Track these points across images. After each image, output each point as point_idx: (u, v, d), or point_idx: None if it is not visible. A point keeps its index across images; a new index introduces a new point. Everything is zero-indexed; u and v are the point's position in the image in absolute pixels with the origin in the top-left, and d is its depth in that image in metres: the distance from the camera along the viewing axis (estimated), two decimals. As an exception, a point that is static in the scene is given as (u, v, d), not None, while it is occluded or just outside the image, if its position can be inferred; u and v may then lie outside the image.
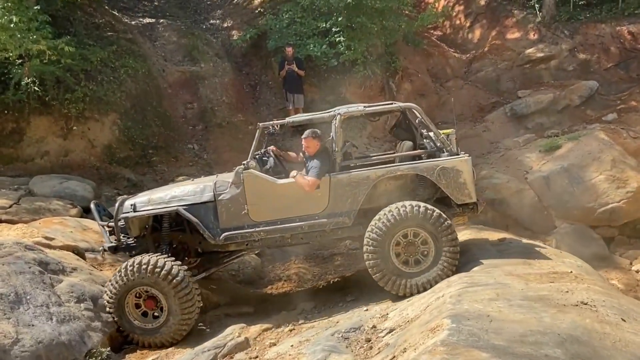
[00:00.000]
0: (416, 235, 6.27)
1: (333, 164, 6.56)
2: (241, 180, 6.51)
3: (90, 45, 11.74)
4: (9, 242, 6.28)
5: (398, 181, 6.66)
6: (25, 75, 10.07)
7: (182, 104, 13.29)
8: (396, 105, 7.26)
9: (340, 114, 6.69)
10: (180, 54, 14.19)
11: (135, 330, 6.39)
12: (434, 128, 6.74)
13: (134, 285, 6.28)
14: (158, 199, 6.73)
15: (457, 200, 6.48)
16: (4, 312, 5.31)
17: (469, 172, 6.48)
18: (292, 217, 6.56)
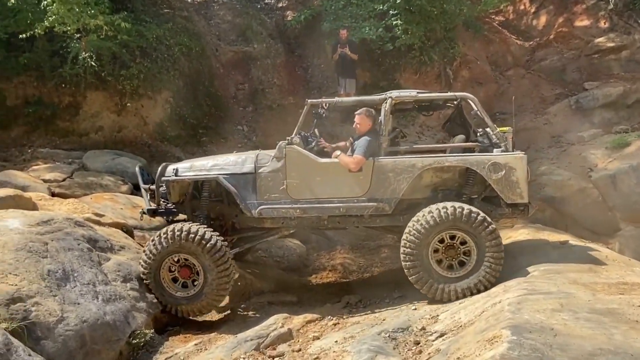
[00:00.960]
0: (457, 239, 6.00)
1: (379, 148, 6.35)
2: (283, 154, 6.40)
3: (147, 22, 11.71)
4: (59, 218, 6.26)
5: (445, 174, 6.39)
6: (83, 50, 10.14)
7: (234, 84, 13.19)
8: (451, 94, 7.01)
9: (391, 97, 6.46)
10: (234, 34, 14.05)
11: (171, 298, 6.39)
12: (489, 121, 6.39)
13: (169, 253, 6.27)
14: (200, 166, 6.72)
15: (506, 199, 6.15)
16: (50, 289, 5.27)
17: (522, 171, 6.13)
18: (330, 198, 6.40)
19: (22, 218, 5.94)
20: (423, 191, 6.44)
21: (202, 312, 6.57)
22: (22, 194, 7.09)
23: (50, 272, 5.45)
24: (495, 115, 13.56)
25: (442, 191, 6.43)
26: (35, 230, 5.82)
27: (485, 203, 6.35)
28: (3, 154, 10.31)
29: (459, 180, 6.41)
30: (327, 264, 8.90)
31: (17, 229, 5.69)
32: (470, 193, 6.34)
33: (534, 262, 6.20)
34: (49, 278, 5.37)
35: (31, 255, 5.45)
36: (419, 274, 6.02)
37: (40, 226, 5.94)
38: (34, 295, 5.08)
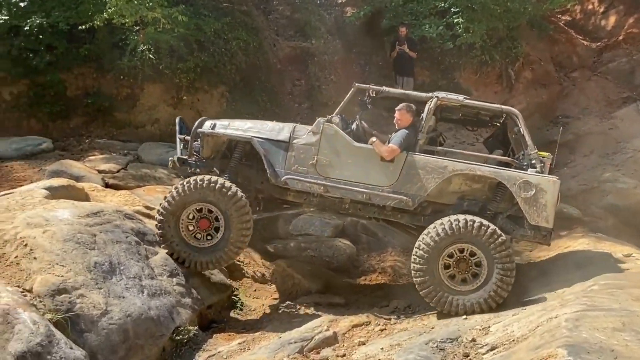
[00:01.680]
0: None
1: (415, 144, 6.33)
2: (320, 130, 6.41)
3: (206, 16, 11.70)
4: (109, 210, 6.27)
5: (475, 184, 6.37)
6: (141, 43, 10.21)
7: (290, 80, 13.08)
8: (497, 106, 6.75)
9: (437, 97, 6.45)
10: (292, 29, 13.94)
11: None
12: (530, 141, 6.26)
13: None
14: (237, 126, 6.74)
15: (531, 220, 6.07)
16: (96, 281, 5.26)
17: (553, 195, 6.03)
18: (356, 182, 6.38)
19: (72, 209, 5.96)
20: (450, 197, 6.42)
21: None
22: (75, 185, 7.16)
23: (97, 264, 5.44)
24: (558, 119, 13.00)
25: (469, 201, 6.40)
26: (84, 221, 5.83)
27: (509, 221, 6.30)
28: (62, 144, 10.53)
29: (487, 193, 6.37)
30: (377, 266, 8.68)
31: (67, 220, 5.71)
32: (496, 208, 6.29)
33: (593, 274, 5.88)
34: (95, 270, 5.36)
35: (79, 247, 5.45)
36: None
37: (89, 217, 5.95)
38: (79, 287, 5.08)
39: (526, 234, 6.24)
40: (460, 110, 6.93)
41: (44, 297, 4.84)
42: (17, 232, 5.38)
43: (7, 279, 4.90)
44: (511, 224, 6.30)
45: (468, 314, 5.84)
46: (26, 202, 6.08)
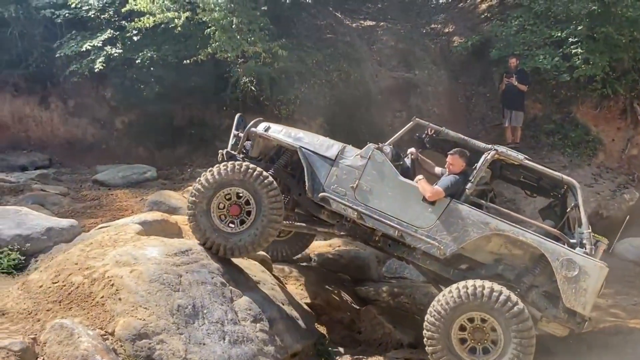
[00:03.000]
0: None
1: (462, 192, 5.98)
2: (368, 156, 6.20)
3: (308, 48, 11.74)
4: (197, 248, 6.16)
5: (516, 249, 5.96)
6: (243, 75, 10.34)
7: (391, 112, 12.76)
8: (557, 174, 6.17)
9: (496, 150, 6.08)
10: (396, 59, 13.65)
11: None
12: (585, 219, 5.80)
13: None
14: (289, 133, 6.62)
15: (566, 302, 5.60)
16: (177, 326, 5.12)
17: (596, 282, 5.54)
18: (392, 216, 6.10)
19: (161, 247, 5.91)
20: (486, 256, 6.11)
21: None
22: (169, 219, 7.18)
23: (180, 307, 5.31)
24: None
25: (505, 265, 6.05)
26: (171, 260, 5.74)
27: (543, 298, 5.85)
28: (165, 172, 10.84)
29: (527, 262, 5.97)
30: (477, 315, 8.03)
31: (155, 259, 5.65)
32: (532, 281, 5.88)
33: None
34: (177, 314, 5.23)
35: (163, 288, 5.36)
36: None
37: (177, 256, 5.85)
38: (161, 332, 4.96)
39: (559, 316, 5.74)
40: (521, 171, 6.49)
41: (124, 341, 4.76)
42: (106, 270, 5.38)
43: (91, 320, 4.89)
44: (545, 301, 5.82)
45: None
46: (119, 238, 6.12)
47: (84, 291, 5.21)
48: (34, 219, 6.63)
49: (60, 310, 4.98)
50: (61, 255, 5.89)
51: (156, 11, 10.41)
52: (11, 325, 4.82)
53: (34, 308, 5.06)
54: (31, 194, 9.62)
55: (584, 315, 5.62)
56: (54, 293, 5.22)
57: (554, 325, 5.88)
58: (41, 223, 6.60)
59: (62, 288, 5.27)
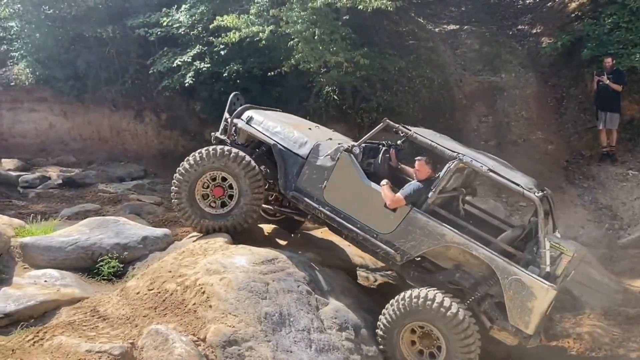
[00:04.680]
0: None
1: (424, 201, 5.97)
2: (336, 158, 6.30)
3: (390, 55, 11.71)
4: (283, 257, 6.28)
5: (473, 259, 5.91)
6: (325, 85, 10.46)
7: (476, 116, 12.48)
8: (518, 189, 5.86)
9: (460, 159, 5.90)
10: (481, 63, 13.35)
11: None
12: (542, 238, 5.68)
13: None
14: (268, 126, 6.76)
15: (511, 320, 5.69)
16: (265, 333, 5.25)
17: (543, 303, 5.56)
18: (356, 219, 6.26)
19: (249, 255, 6.07)
20: (446, 261, 6.15)
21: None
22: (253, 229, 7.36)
23: (268, 315, 5.43)
24: None
25: (462, 272, 6.03)
26: (259, 269, 5.89)
27: (496, 308, 5.87)
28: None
29: (484, 272, 5.92)
30: (572, 331, 7.65)
31: (243, 267, 5.82)
32: (487, 291, 5.89)
33: None
34: (265, 321, 5.35)
35: (251, 296, 5.50)
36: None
37: (264, 265, 6.00)
38: (249, 339, 5.10)
39: (507, 328, 5.77)
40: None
41: (215, 347, 4.94)
42: (197, 278, 5.60)
43: (185, 327, 5.10)
44: (496, 312, 5.85)
45: None
46: (209, 247, 6.34)
47: (177, 298, 5.45)
48: (131, 229, 6.98)
49: (155, 317, 5.23)
50: (156, 263, 6.19)
51: (242, 26, 10.76)
52: (111, 330, 5.11)
53: (131, 314, 5.34)
54: (128, 204, 10.20)
55: (528, 333, 5.64)
56: (150, 300, 5.49)
57: (504, 334, 5.89)
58: (137, 232, 6.95)
59: (157, 295, 5.54)
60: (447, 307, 5.61)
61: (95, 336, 4.97)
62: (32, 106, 15.67)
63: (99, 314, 5.41)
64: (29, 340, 4.91)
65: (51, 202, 10.31)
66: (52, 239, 6.54)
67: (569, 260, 5.79)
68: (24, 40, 15.19)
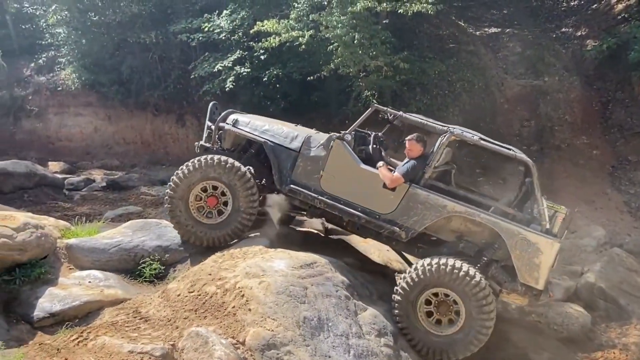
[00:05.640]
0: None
1: (421, 176, 6.16)
2: (330, 146, 6.38)
3: (430, 59, 11.61)
4: (322, 261, 6.27)
5: (475, 227, 6.12)
6: (365, 89, 10.43)
7: (518, 121, 12.27)
8: (511, 152, 6.21)
9: (452, 132, 6.18)
10: (523, 66, 13.11)
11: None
12: (539, 195, 5.92)
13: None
14: (255, 126, 6.81)
15: (521, 278, 5.88)
16: (304, 337, 5.23)
17: (549, 257, 5.79)
18: (356, 204, 6.34)
19: (288, 259, 6.08)
20: (448, 234, 6.29)
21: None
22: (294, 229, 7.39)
23: (306, 319, 5.42)
24: None
25: (466, 242, 6.21)
26: (297, 273, 5.89)
27: (502, 271, 6.05)
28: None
29: (486, 238, 6.13)
30: (618, 341, 7.47)
31: (282, 271, 5.83)
32: (492, 256, 6.05)
33: None
34: (304, 326, 5.34)
35: (290, 300, 5.50)
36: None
37: (303, 269, 6.00)
38: (288, 344, 5.09)
39: (517, 288, 5.98)
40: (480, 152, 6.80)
41: (254, 351, 4.95)
42: (237, 281, 5.63)
43: (224, 329, 5.13)
44: (504, 275, 6.03)
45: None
46: (248, 250, 6.37)
47: (217, 301, 5.49)
48: (173, 231, 7.06)
49: (196, 319, 5.28)
50: (196, 266, 6.25)
51: (282, 31, 10.82)
52: (153, 331, 5.18)
53: (172, 315, 5.40)
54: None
55: (538, 288, 5.84)
56: (190, 302, 5.54)
57: (514, 296, 6.10)
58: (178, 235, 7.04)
59: (197, 297, 5.59)
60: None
61: (137, 337, 5.05)
62: (78, 110, 16.14)
63: (141, 315, 5.50)
64: (74, 340, 5.02)
65: (95, 204, 10.55)
66: (96, 241, 6.69)
67: (563, 218, 5.97)
68: (70, 46, 15.65)
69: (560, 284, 8.24)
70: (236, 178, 6.44)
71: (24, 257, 6.02)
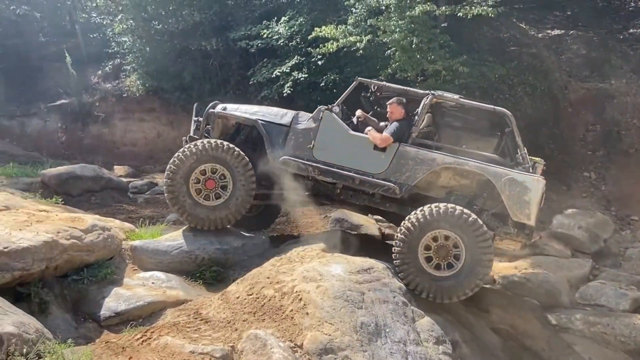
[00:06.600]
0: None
1: (408, 136, 6.61)
2: (319, 117, 6.77)
3: (490, 62, 11.38)
4: (379, 267, 6.25)
5: (463, 179, 6.59)
6: (422, 94, 10.33)
7: (583, 125, 11.86)
8: (489, 106, 6.80)
9: (433, 94, 6.75)
10: (588, 69, 12.69)
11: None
12: (520, 142, 6.53)
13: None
14: (245, 109, 7.24)
15: (513, 216, 6.30)
16: (361, 343, 5.22)
17: (537, 194, 6.23)
18: (349, 167, 6.71)
19: (345, 264, 6.10)
20: (438, 191, 6.73)
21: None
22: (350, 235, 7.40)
23: (364, 324, 5.41)
24: None
25: (456, 196, 6.63)
26: (354, 278, 5.90)
27: (494, 218, 6.51)
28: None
29: (475, 189, 6.62)
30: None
31: (339, 276, 5.85)
32: (482, 205, 6.57)
33: None
34: (361, 331, 5.34)
35: (347, 305, 5.51)
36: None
37: (360, 274, 6.00)
38: (345, 349, 5.10)
39: (509, 232, 6.44)
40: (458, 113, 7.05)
41: (312, 355, 4.98)
42: (295, 285, 5.69)
43: (282, 332, 5.18)
44: (496, 221, 6.48)
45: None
46: (306, 254, 6.44)
47: (275, 304, 5.56)
48: (232, 235, 7.20)
49: (254, 321, 5.37)
50: (255, 269, 6.34)
51: (339, 36, 10.86)
52: (213, 332, 5.29)
53: (232, 317, 5.50)
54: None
55: (530, 224, 6.27)
56: (249, 304, 5.63)
57: (507, 242, 6.76)
58: (237, 238, 7.17)
59: (256, 300, 5.68)
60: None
61: (198, 338, 5.17)
62: (142, 116, 16.65)
63: (202, 317, 5.63)
64: (138, 339, 5.18)
65: (158, 207, 10.85)
66: (159, 243, 6.89)
67: (542, 169, 6.54)
68: (135, 54, 16.17)
69: (627, 294, 7.94)
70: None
71: (91, 258, 6.27)
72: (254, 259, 6.94)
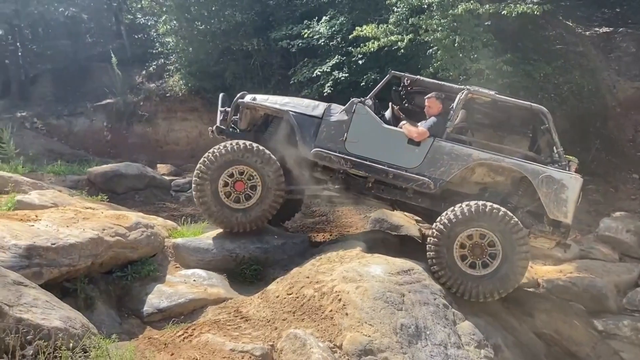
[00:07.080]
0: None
1: (443, 131, 6.52)
2: (352, 110, 6.69)
3: (535, 60, 11.13)
4: (419, 268, 6.17)
5: (498, 176, 6.52)
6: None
7: (632, 126, 11.50)
8: (527, 103, 6.67)
9: (468, 89, 6.66)
10: (638, 68, 12.27)
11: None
12: (557, 139, 6.40)
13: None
14: (275, 100, 7.14)
15: (550, 214, 6.21)
16: (401, 345, 5.18)
17: (574, 192, 6.18)
18: (382, 161, 6.60)
19: (385, 265, 6.05)
20: (472, 187, 6.65)
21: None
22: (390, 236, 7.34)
23: (403, 326, 5.37)
24: None
25: (491, 192, 6.54)
26: (394, 279, 5.85)
27: (529, 216, 6.38)
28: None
29: (510, 187, 6.53)
30: None
31: (379, 277, 5.81)
32: (517, 202, 6.45)
33: None
34: (401, 333, 5.30)
35: (387, 306, 5.47)
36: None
37: (400, 275, 5.95)
38: (385, 350, 5.07)
39: (545, 230, 6.32)
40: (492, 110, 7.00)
41: (351, 355, 4.97)
42: (334, 285, 5.67)
43: (321, 332, 5.18)
44: (531, 219, 6.36)
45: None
46: (345, 255, 6.41)
47: (314, 304, 5.56)
48: (271, 233, 7.25)
49: (294, 321, 5.38)
50: (294, 268, 6.36)
51: (380, 35, 10.80)
52: (253, 331, 5.33)
53: (271, 316, 5.53)
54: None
55: (567, 223, 6.21)
56: (289, 304, 5.65)
57: (542, 240, 6.49)
58: (277, 237, 7.20)
59: (295, 299, 5.69)
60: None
61: (238, 336, 5.21)
62: (184, 115, 16.91)
63: (242, 315, 5.67)
64: (179, 336, 5.26)
65: (199, 205, 10.97)
66: (200, 241, 6.98)
67: (576, 168, 6.35)
68: (178, 54, 16.45)
69: (679, 300, 7.64)
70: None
71: (135, 255, 6.40)
72: (294, 258, 6.96)
